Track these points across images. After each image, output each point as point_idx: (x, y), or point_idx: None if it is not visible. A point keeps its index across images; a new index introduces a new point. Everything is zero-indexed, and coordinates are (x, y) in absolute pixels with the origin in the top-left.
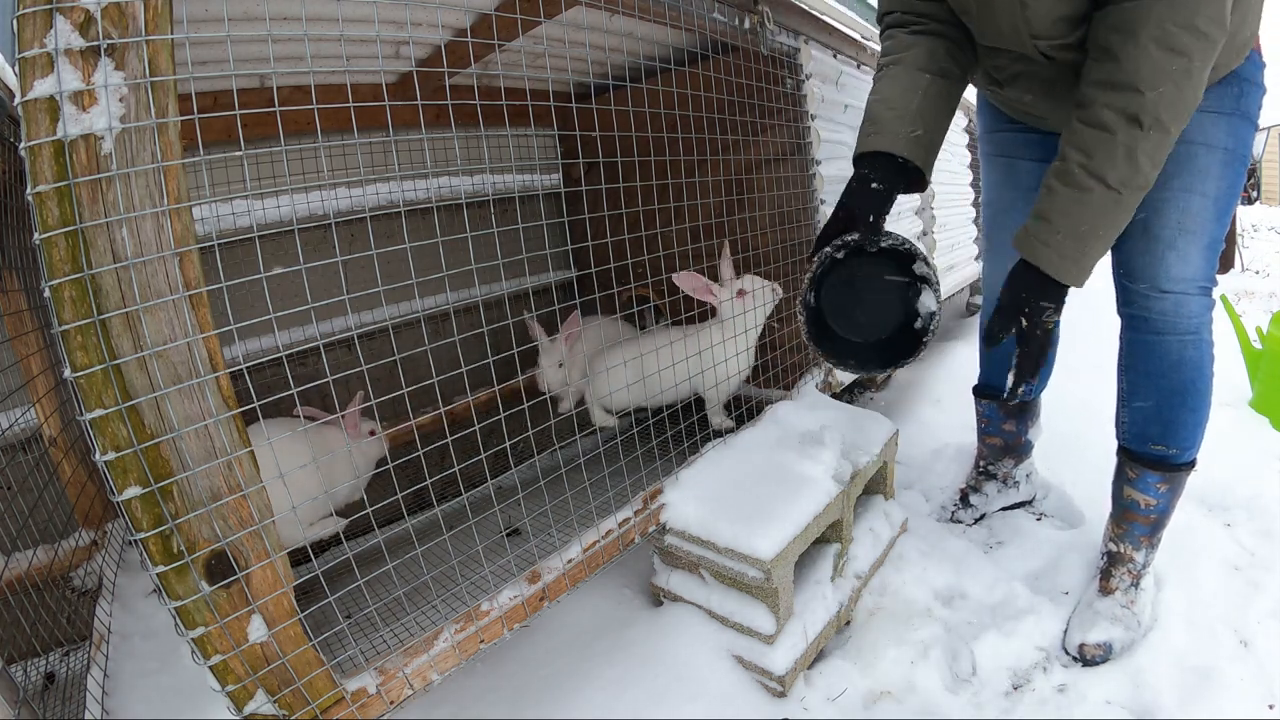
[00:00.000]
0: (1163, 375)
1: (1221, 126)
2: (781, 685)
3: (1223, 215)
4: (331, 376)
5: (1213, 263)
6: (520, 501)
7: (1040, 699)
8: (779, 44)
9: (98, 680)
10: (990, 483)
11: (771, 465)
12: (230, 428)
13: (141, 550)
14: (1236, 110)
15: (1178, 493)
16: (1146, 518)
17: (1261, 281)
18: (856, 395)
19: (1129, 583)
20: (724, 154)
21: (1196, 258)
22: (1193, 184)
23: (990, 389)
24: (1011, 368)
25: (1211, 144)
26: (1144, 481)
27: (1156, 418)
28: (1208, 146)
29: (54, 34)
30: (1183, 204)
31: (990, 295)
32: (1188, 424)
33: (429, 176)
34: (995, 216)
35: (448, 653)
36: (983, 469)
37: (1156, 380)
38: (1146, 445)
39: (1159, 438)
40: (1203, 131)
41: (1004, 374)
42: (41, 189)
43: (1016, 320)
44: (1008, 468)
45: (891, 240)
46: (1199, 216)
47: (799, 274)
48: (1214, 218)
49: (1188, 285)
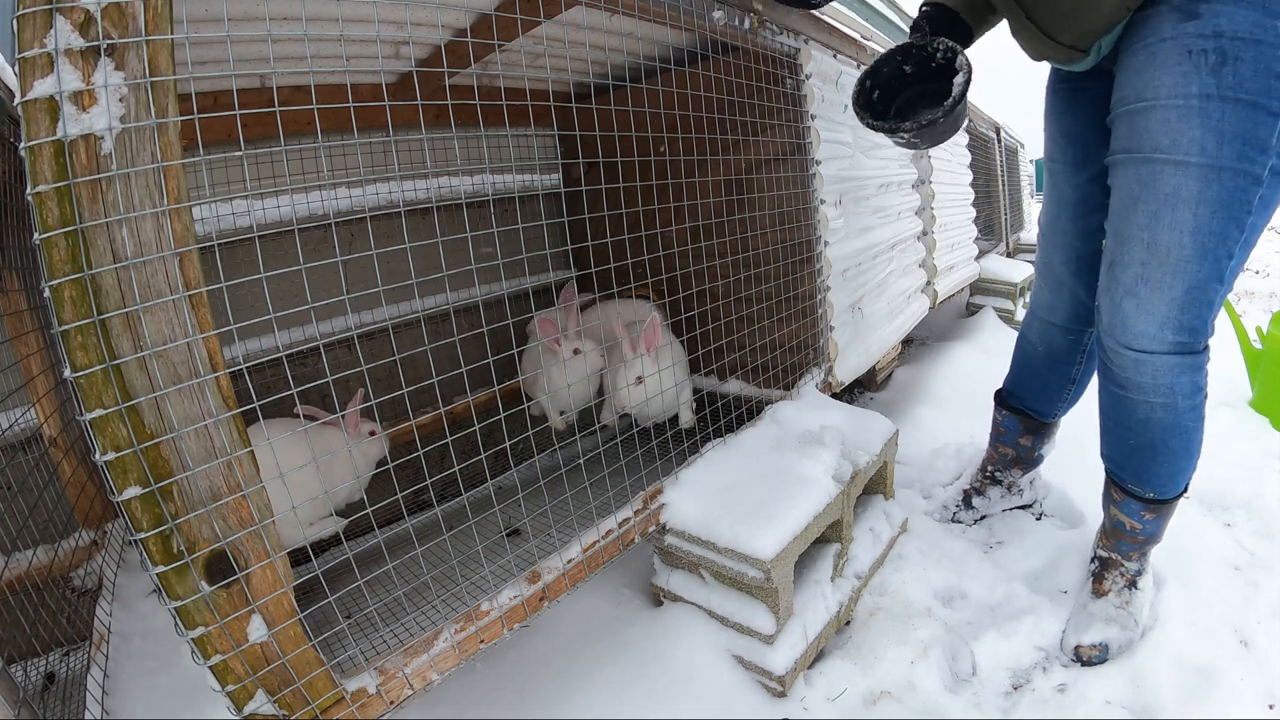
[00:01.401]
0: (1129, 430)
1: (1192, 124)
2: (781, 685)
3: (1208, 251)
4: (331, 376)
5: (1198, 312)
6: (520, 501)
7: (1040, 699)
8: (779, 44)
9: (98, 680)
10: (995, 488)
11: (771, 465)
12: (230, 428)
13: (141, 550)
14: (1214, 92)
15: (1167, 516)
16: (1134, 538)
17: (1261, 281)
18: (856, 395)
19: (1122, 584)
20: (724, 154)
21: (1165, 309)
22: (1160, 215)
23: (1016, 400)
24: (1065, 399)
25: (1179, 157)
26: (1128, 507)
27: (1129, 465)
28: (1175, 163)
29: (54, 34)
30: (1147, 241)
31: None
32: (1161, 475)
33: (429, 176)
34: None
35: (448, 653)
36: (989, 474)
37: (1124, 433)
38: (1125, 482)
39: (1135, 480)
40: (1166, 134)
41: (1040, 396)
42: (41, 189)
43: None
44: (1014, 477)
45: (940, 47)
46: (1169, 258)
47: (799, 274)
48: (1195, 256)
49: (1151, 342)
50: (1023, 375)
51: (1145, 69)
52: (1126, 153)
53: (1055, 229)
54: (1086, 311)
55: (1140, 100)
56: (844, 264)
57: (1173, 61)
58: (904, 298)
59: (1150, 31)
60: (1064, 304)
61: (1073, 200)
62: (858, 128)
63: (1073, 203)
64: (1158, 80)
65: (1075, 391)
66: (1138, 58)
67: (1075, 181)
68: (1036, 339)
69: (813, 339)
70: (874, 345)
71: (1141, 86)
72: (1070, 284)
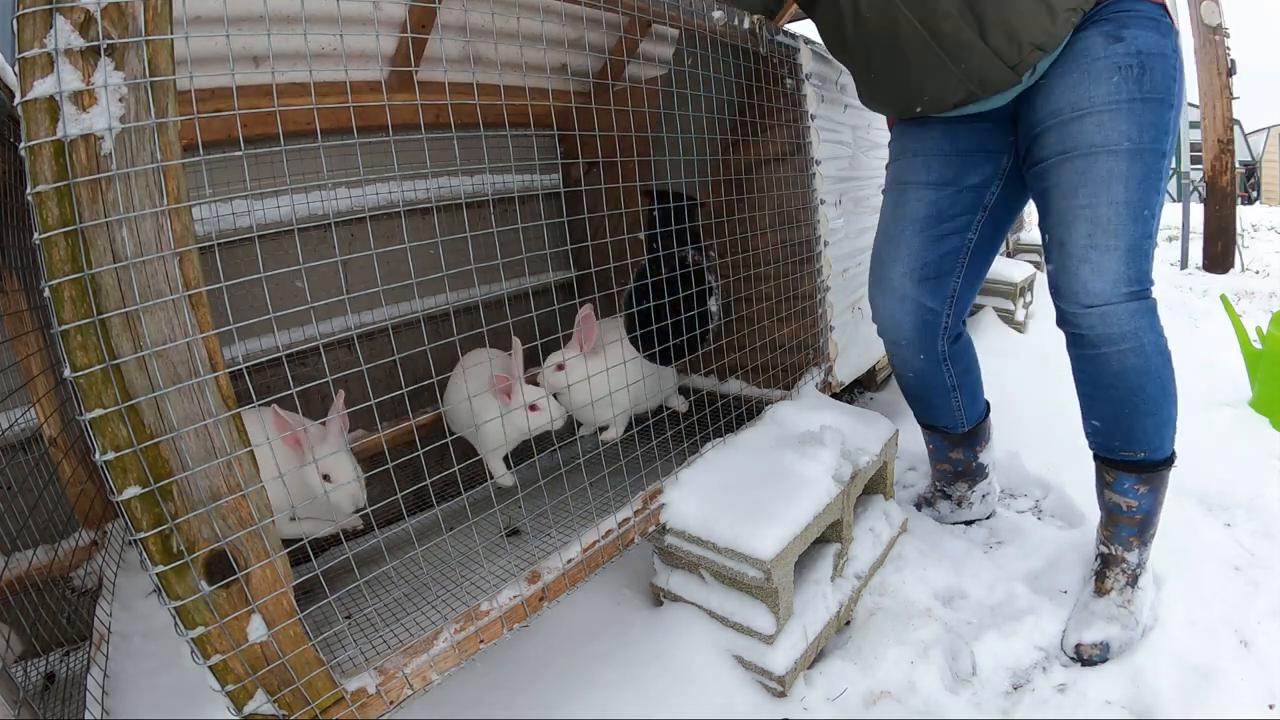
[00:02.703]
0: (1109, 387)
1: (1121, 120)
2: (781, 685)
3: (1139, 214)
4: (331, 376)
5: (1139, 264)
6: (520, 501)
7: (1040, 699)
8: (779, 44)
9: (98, 680)
10: (944, 501)
11: (771, 465)
12: (230, 428)
13: (141, 550)
14: (1138, 95)
15: (1160, 490)
16: (1132, 519)
17: (1261, 281)
18: (856, 395)
19: (1124, 582)
20: (724, 154)
21: (1115, 265)
22: (1098, 194)
23: (928, 421)
24: (958, 407)
25: (1112, 146)
26: (1121, 485)
27: (1115, 429)
28: (1108, 151)
29: (54, 34)
30: (1090, 217)
31: (884, 332)
32: (1148, 428)
33: (429, 176)
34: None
35: (447, 653)
36: (938, 488)
37: (1105, 392)
38: (1115, 452)
39: (1123, 445)
40: (1101, 132)
41: (937, 414)
42: (41, 189)
43: None
44: (961, 490)
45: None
46: (1110, 225)
47: (799, 274)
48: (1130, 219)
49: (1109, 295)
50: (913, 403)
51: (1080, 84)
52: (1062, 154)
53: (895, 246)
54: (932, 318)
55: (1075, 110)
56: (844, 264)
57: (1105, 76)
58: None
59: (1084, 53)
60: (908, 317)
61: (924, 215)
62: (857, 127)
63: (923, 217)
64: (1093, 92)
65: (965, 397)
66: (1073, 75)
67: (930, 198)
68: (901, 367)
69: (813, 339)
70: (874, 345)
71: (1076, 98)
72: (913, 293)
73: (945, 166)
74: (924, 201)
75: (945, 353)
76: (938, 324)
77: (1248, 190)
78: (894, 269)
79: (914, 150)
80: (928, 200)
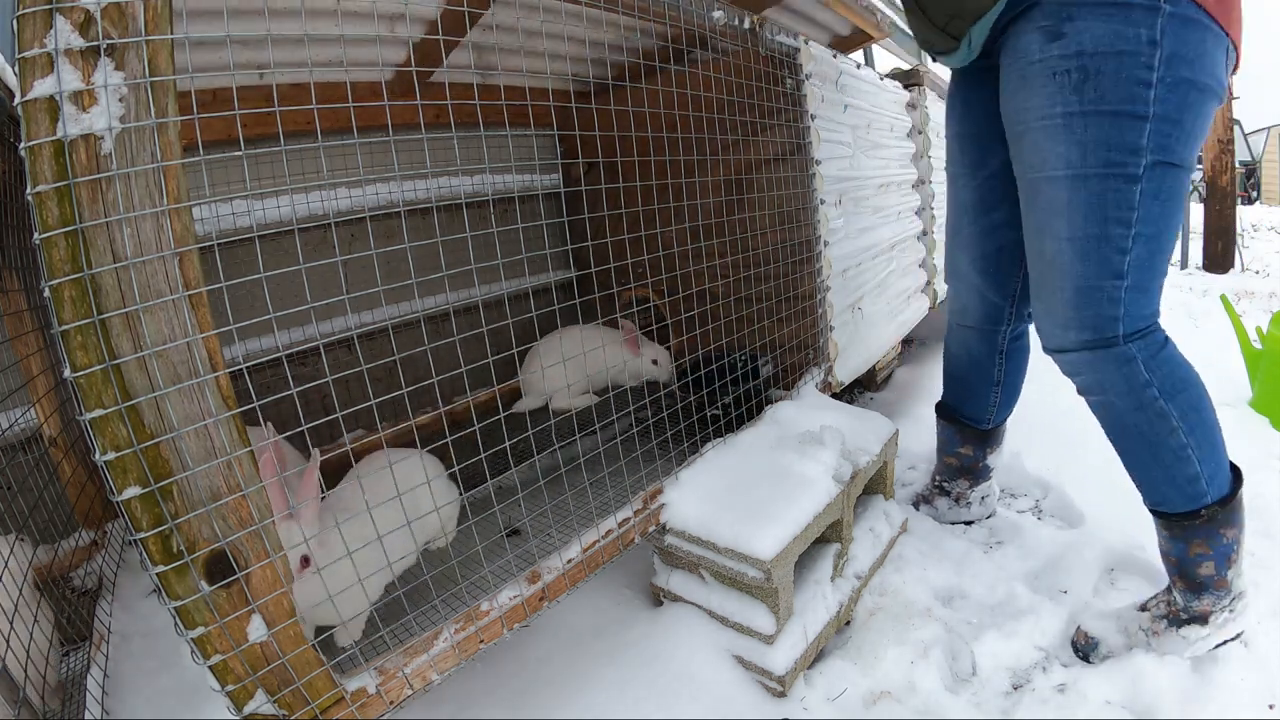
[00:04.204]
0: (1103, 427)
1: (1058, 140)
2: (781, 685)
3: (1091, 252)
4: (331, 376)
5: (1094, 308)
6: (520, 501)
7: (1040, 699)
8: (779, 44)
9: (98, 680)
10: (942, 498)
11: (771, 465)
12: (230, 427)
13: (141, 550)
14: (1077, 109)
15: (1192, 541)
16: (1167, 558)
17: (1261, 281)
18: (856, 395)
19: (1162, 611)
20: (724, 154)
21: (1060, 310)
22: (1043, 227)
23: (952, 410)
24: (994, 403)
25: (1049, 172)
26: (1155, 524)
27: (1128, 469)
28: (1046, 178)
29: (54, 34)
30: (1038, 250)
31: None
32: (1144, 481)
33: (429, 176)
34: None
35: (448, 653)
36: (937, 484)
37: (1106, 432)
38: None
39: (1138, 487)
40: (1037, 154)
41: (970, 403)
42: (41, 189)
43: None
44: (962, 488)
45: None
46: (1056, 263)
47: (799, 274)
48: (1076, 258)
49: (1060, 341)
50: (951, 384)
51: (1018, 91)
52: (1020, 175)
53: (959, 234)
54: (996, 311)
55: (1018, 123)
56: (844, 264)
57: (1039, 84)
58: (904, 298)
59: (1021, 53)
60: (975, 305)
61: (972, 202)
62: (857, 127)
63: (972, 204)
64: (1028, 103)
65: (1003, 395)
66: (1012, 80)
67: (972, 184)
68: (957, 346)
69: (813, 339)
70: (874, 345)
71: (1015, 110)
72: (979, 284)
73: (971, 149)
74: (969, 188)
75: (1004, 347)
76: (1001, 316)
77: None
78: (961, 257)
79: (949, 134)
80: (971, 186)
